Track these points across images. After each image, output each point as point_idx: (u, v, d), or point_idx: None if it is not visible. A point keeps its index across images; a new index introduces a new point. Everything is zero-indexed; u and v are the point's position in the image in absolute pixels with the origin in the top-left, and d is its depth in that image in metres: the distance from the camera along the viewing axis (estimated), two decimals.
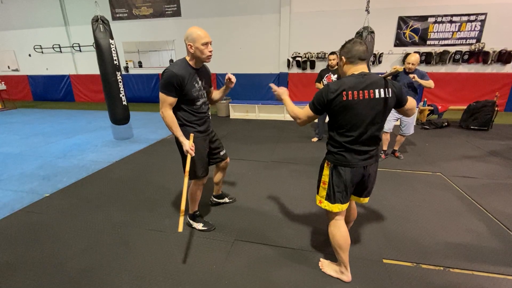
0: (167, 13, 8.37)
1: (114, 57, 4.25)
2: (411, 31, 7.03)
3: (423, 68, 6.96)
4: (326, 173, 1.62)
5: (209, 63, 2.00)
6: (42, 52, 9.73)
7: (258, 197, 2.85)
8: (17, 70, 10.29)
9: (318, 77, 4.52)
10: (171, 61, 8.76)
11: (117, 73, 4.33)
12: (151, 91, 9.28)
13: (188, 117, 1.97)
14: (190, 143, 1.91)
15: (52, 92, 10.15)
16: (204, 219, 2.38)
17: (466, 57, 6.86)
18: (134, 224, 2.40)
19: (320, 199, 1.68)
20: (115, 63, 4.28)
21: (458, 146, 4.47)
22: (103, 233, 2.27)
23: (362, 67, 1.50)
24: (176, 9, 8.27)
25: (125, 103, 4.53)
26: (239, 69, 8.26)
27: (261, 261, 1.94)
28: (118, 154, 4.26)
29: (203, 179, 2.16)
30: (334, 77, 4.25)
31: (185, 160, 1.96)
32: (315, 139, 4.92)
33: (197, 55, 1.85)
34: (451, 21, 6.77)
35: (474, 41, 6.80)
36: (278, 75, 8.07)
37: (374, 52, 6.73)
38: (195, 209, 2.29)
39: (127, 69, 9.21)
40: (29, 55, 9.92)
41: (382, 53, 7.26)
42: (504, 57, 6.67)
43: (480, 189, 2.97)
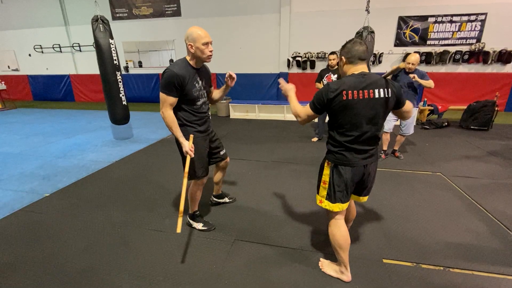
0: (167, 13, 8.37)
1: (114, 57, 4.25)
2: (411, 31, 7.03)
3: (423, 68, 6.96)
4: (326, 172, 1.63)
5: (209, 63, 2.00)
6: (42, 52, 9.73)
7: (258, 197, 2.85)
8: (17, 70, 10.30)
9: (318, 77, 4.52)
10: (171, 61, 8.76)
11: (117, 73, 4.33)
12: (151, 91, 9.27)
13: (188, 117, 1.97)
14: (189, 144, 1.91)
15: (52, 92, 10.15)
16: (204, 219, 2.38)
17: (466, 57, 6.86)
18: (134, 224, 2.40)
19: (320, 198, 1.68)
20: (115, 63, 4.29)
21: (458, 146, 4.47)
22: (103, 233, 2.28)
23: (362, 67, 1.50)
24: (176, 9, 8.27)
25: (125, 103, 4.53)
26: (239, 69, 8.24)
27: (261, 261, 1.94)
28: (118, 154, 4.26)
29: (203, 179, 2.16)
30: (334, 77, 4.25)
31: (185, 160, 1.96)
32: (315, 139, 4.92)
33: (197, 55, 1.85)
34: (451, 21, 6.77)
35: (474, 41, 6.80)
36: (278, 75, 8.06)
37: (374, 52, 6.73)
38: (195, 209, 2.29)
39: (127, 69, 9.21)
40: (29, 55, 9.92)
41: (382, 53, 7.26)
42: (504, 57, 6.66)
43: (480, 189, 2.97)
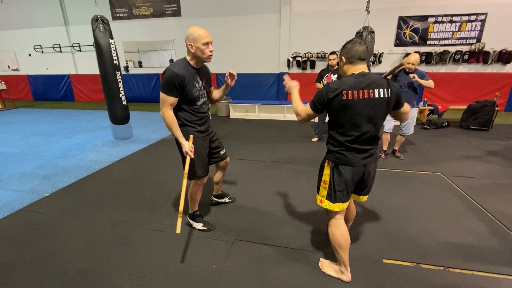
0: (167, 12, 8.37)
1: (114, 57, 4.25)
2: (411, 31, 7.03)
3: (423, 68, 6.96)
4: (326, 172, 1.63)
5: (209, 63, 2.00)
6: (42, 52, 9.73)
7: (258, 197, 2.85)
8: (17, 69, 10.30)
9: (318, 77, 4.52)
10: (171, 61, 8.76)
11: (117, 73, 4.33)
12: (151, 91, 9.27)
13: (188, 117, 1.97)
14: (189, 144, 1.91)
15: (52, 92, 10.15)
16: (204, 219, 2.38)
17: (466, 57, 6.86)
18: (134, 224, 2.40)
19: (320, 198, 1.68)
20: (115, 63, 4.28)
21: (458, 146, 4.47)
22: (103, 233, 2.27)
23: (362, 67, 1.51)
24: (176, 8, 8.27)
25: (125, 103, 4.53)
26: (239, 69, 8.24)
27: (261, 261, 1.94)
28: (118, 154, 4.26)
29: (204, 179, 2.16)
30: (334, 77, 4.25)
31: (185, 160, 1.95)
32: (315, 139, 4.92)
33: (198, 55, 1.84)
34: (451, 21, 6.77)
35: (474, 41, 6.80)
36: (278, 75, 8.06)
37: (374, 52, 6.73)
38: (195, 209, 2.29)
39: (127, 69, 9.21)
40: (29, 55, 9.92)
41: (382, 53, 7.26)
42: (504, 57, 6.66)
43: (480, 189, 2.97)
